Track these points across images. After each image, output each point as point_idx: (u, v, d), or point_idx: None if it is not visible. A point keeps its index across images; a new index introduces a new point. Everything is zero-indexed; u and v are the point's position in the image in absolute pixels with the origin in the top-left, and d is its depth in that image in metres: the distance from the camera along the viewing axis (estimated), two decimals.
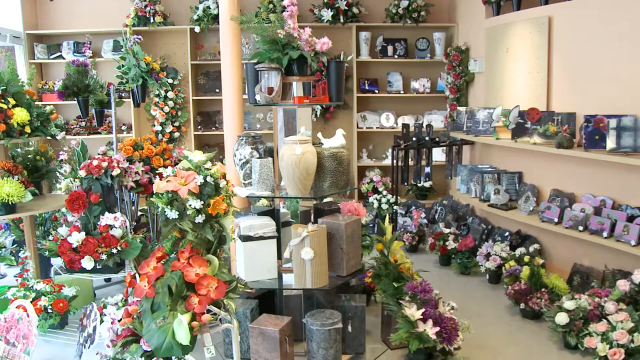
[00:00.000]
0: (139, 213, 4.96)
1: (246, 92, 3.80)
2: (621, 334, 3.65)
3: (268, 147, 3.76)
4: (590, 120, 4.65)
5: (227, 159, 4.45)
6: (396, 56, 7.57)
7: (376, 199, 6.71)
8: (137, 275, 2.66)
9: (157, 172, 4.56)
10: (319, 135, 3.62)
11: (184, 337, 2.34)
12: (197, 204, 2.55)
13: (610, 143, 4.45)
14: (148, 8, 7.29)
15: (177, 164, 4.53)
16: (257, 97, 3.48)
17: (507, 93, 6.10)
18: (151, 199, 2.82)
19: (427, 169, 6.76)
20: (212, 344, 2.46)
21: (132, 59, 5.09)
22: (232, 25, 4.18)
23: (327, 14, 7.31)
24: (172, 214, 2.59)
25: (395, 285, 3.72)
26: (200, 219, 2.60)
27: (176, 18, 7.62)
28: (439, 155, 7.32)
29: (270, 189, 3.48)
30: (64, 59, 7.46)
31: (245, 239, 3.43)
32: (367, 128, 7.66)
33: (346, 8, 7.34)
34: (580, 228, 4.69)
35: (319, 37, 7.05)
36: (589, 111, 4.77)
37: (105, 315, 3.20)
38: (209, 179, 2.61)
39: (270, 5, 7.10)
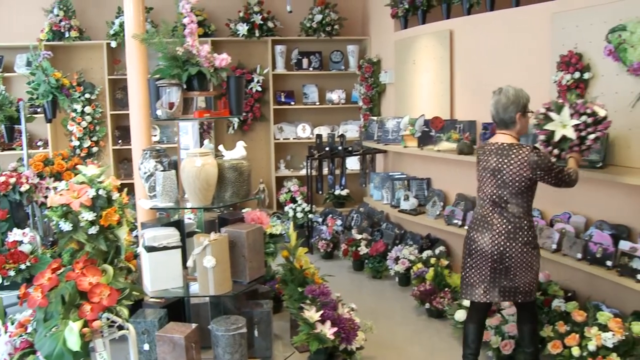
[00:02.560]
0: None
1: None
2: (512, 326, 3.90)
3: (172, 160, 3.84)
4: (488, 127, 4.93)
5: (135, 172, 4.50)
6: (311, 68, 7.76)
7: (292, 208, 6.85)
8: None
9: None
10: (220, 147, 3.73)
11: (74, 344, 2.39)
12: (90, 216, 2.62)
13: None
14: (63, 23, 7.21)
15: None
16: (159, 112, 3.56)
17: (415, 103, 6.37)
18: (45, 212, 2.86)
19: (342, 178, 6.95)
20: (104, 350, 2.53)
21: (41, 74, 5.07)
22: (137, 41, 4.25)
23: (242, 29, 7.43)
24: (66, 227, 2.65)
25: (300, 290, 3.86)
26: (93, 230, 2.66)
27: (92, 33, 7.56)
28: (354, 163, 7.54)
29: (174, 200, 3.56)
30: None
31: (150, 249, 3.49)
32: (284, 139, 7.81)
33: (261, 22, 7.47)
34: None
35: (236, 51, 7.16)
36: (487, 119, 5.03)
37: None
38: (101, 191, 2.68)
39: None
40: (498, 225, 3.36)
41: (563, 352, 3.58)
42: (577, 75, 4.20)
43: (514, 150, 3.29)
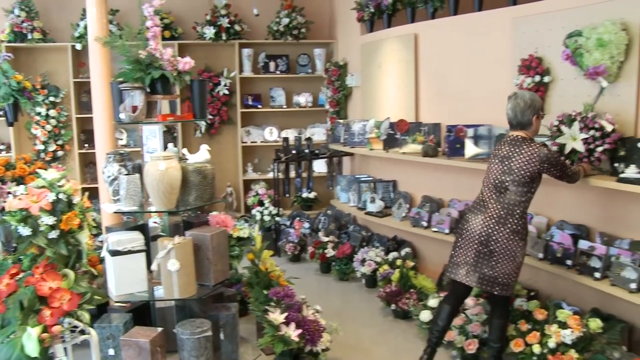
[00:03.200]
0: None
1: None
2: (476, 325, 3.96)
3: (136, 164, 3.81)
4: (452, 130, 5.00)
5: (99, 177, 4.45)
6: (278, 72, 7.77)
7: (259, 211, 6.84)
8: None
9: None
10: (184, 151, 3.72)
11: (32, 350, 2.37)
12: (50, 220, 2.59)
13: (469, 151, 4.79)
14: (25, 24, 7.10)
15: None
16: (122, 116, 3.54)
17: (381, 106, 6.42)
18: (3, 217, 2.82)
19: (310, 181, 6.97)
20: (65, 355, 2.50)
21: (1, 76, 4.99)
22: (100, 44, 4.21)
23: (209, 32, 7.41)
24: (25, 231, 2.61)
25: (266, 293, 3.86)
26: (54, 234, 2.64)
27: (56, 35, 7.45)
28: (321, 166, 7.57)
29: (138, 204, 3.54)
30: None
31: (114, 253, 3.46)
32: (251, 142, 7.80)
33: (228, 26, 7.45)
34: (446, 231, 5.02)
35: (202, 55, 7.14)
36: (451, 121, 5.12)
37: None
38: (61, 195, 2.65)
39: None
40: (492, 209, 3.54)
41: (525, 350, 3.66)
42: (537, 78, 4.29)
43: (527, 143, 3.50)
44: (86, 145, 7.53)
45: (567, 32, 4.00)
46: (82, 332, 2.78)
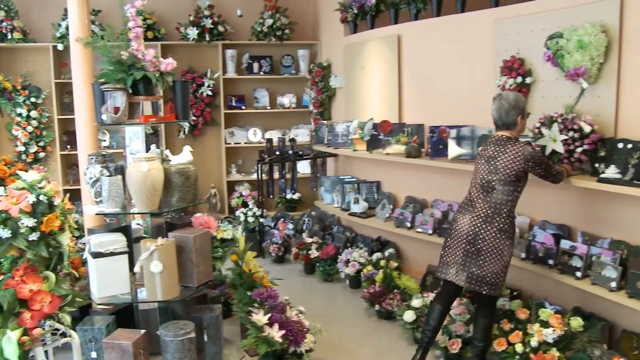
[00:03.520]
0: None
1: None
2: (459, 325, 3.98)
3: (119, 166, 3.79)
4: (435, 130, 5.02)
5: (81, 178, 4.42)
6: (262, 73, 7.75)
7: (243, 212, 6.83)
8: None
9: None
10: (167, 152, 3.70)
11: (12, 353, 2.34)
12: (30, 222, 2.57)
13: (452, 151, 4.81)
14: (5, 23, 7.03)
15: None
16: (104, 117, 3.51)
17: (365, 107, 6.43)
18: None
19: (293, 182, 6.96)
20: (45, 358, 2.48)
21: None
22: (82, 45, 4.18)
23: (193, 32, 7.37)
24: (5, 233, 2.58)
25: (249, 294, 3.85)
26: (34, 236, 2.61)
27: (37, 35, 7.38)
28: (305, 167, 7.57)
29: (120, 205, 3.52)
30: None
31: (96, 255, 3.44)
32: (235, 143, 7.77)
33: (212, 26, 7.43)
34: (430, 231, 5.04)
35: (186, 55, 7.12)
36: (435, 122, 5.14)
37: None
38: (42, 197, 2.63)
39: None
40: (480, 208, 3.59)
41: (507, 349, 3.69)
42: (519, 79, 4.32)
43: (511, 143, 3.56)
44: (68, 146, 7.46)
45: (548, 33, 4.04)
46: (64, 334, 2.75)
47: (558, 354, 3.43)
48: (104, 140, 7.51)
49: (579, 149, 3.78)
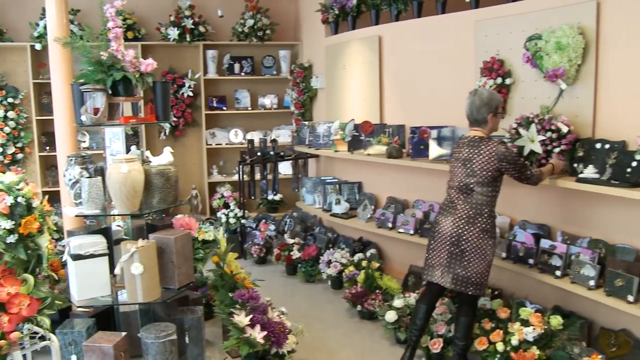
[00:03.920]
0: None
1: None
2: (440, 325, 4.00)
3: (99, 167, 3.76)
4: (416, 131, 5.04)
5: (60, 180, 4.38)
6: (243, 73, 7.73)
7: (224, 213, 6.81)
8: None
9: None
10: (147, 153, 3.68)
11: None
12: (7, 224, 2.54)
13: (433, 152, 4.84)
14: None
15: None
16: (83, 118, 3.48)
17: (346, 107, 6.44)
18: None
19: (275, 183, 6.96)
20: None
21: None
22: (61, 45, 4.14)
23: (173, 33, 7.33)
24: None
25: (231, 296, 3.84)
26: (12, 239, 2.58)
27: (15, 34, 7.28)
28: (287, 168, 7.56)
29: (101, 207, 3.49)
30: None
31: (76, 257, 3.40)
32: (216, 145, 7.74)
33: (193, 27, 7.39)
34: (412, 232, 5.06)
35: (166, 56, 7.08)
36: (416, 123, 5.16)
37: None
38: (20, 199, 2.60)
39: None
40: (461, 210, 3.60)
41: (489, 348, 3.71)
42: (499, 80, 4.36)
43: (484, 143, 3.55)
44: (47, 147, 7.38)
45: (527, 35, 4.08)
46: (43, 338, 2.72)
47: (538, 352, 3.46)
48: (84, 142, 7.44)
49: (557, 149, 3.83)
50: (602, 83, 3.77)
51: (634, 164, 3.41)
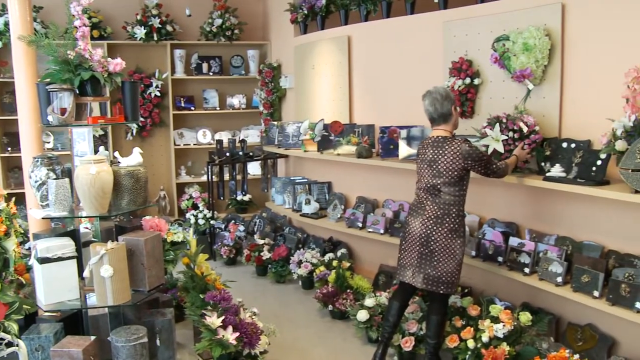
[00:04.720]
0: None
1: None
2: (412, 323, 4.03)
3: (66, 168, 3.69)
4: (385, 131, 5.06)
5: (26, 181, 4.28)
6: (211, 73, 7.68)
7: (193, 214, 6.76)
8: None
9: None
10: (116, 154, 3.62)
11: None
12: None
13: (402, 151, 4.86)
14: None
15: None
16: (50, 118, 3.41)
17: (315, 107, 6.44)
18: None
19: (244, 183, 6.92)
20: None
21: None
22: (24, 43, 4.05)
23: (140, 32, 7.24)
24: None
25: (202, 297, 3.81)
26: None
27: None
28: (256, 169, 7.54)
29: (68, 209, 3.42)
30: None
31: (43, 261, 3.34)
32: (184, 145, 7.67)
33: (160, 26, 7.30)
34: (381, 231, 5.08)
35: (133, 55, 6.98)
36: (385, 123, 5.19)
37: None
38: None
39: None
40: (429, 210, 3.63)
41: (460, 345, 3.75)
42: (468, 80, 4.41)
43: (448, 142, 3.59)
44: (9, 148, 7.21)
45: (495, 36, 4.14)
46: (10, 344, 2.65)
47: (508, 349, 3.51)
48: (48, 142, 7.29)
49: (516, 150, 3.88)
50: (568, 83, 3.84)
51: (599, 162, 3.48)
